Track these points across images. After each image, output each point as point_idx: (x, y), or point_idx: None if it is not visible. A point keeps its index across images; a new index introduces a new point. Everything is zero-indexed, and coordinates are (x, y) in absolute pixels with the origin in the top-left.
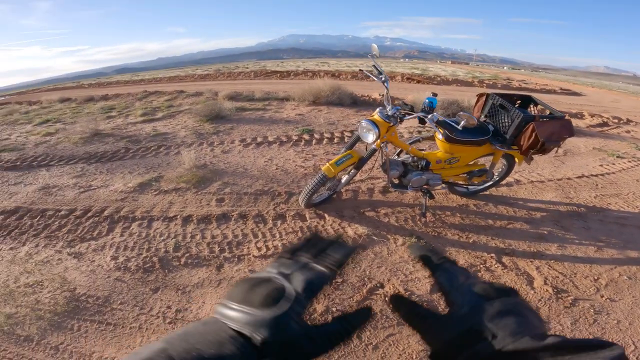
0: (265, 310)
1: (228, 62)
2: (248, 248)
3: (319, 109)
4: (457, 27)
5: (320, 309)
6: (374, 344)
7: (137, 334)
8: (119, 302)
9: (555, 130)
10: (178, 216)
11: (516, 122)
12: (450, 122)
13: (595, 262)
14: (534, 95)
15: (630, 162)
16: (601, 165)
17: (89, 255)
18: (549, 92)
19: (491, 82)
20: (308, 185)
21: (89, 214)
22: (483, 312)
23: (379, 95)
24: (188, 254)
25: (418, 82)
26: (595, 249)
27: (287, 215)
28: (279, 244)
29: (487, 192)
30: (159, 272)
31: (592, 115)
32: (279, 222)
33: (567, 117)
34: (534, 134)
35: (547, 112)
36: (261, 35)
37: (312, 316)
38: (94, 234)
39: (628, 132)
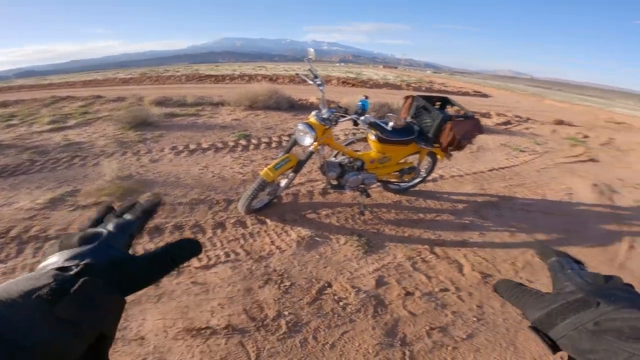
0: (84, 247)
1: (156, 66)
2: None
3: (256, 114)
4: (389, 32)
5: (272, 314)
6: (330, 343)
7: None
8: None
9: (468, 129)
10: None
11: (437, 122)
12: (381, 124)
13: (510, 247)
14: (452, 97)
15: (530, 155)
16: (507, 159)
17: None
18: (464, 94)
19: (417, 85)
20: (247, 191)
21: None
22: (589, 287)
23: (317, 99)
24: None
25: (352, 85)
26: (509, 234)
27: (226, 223)
28: (221, 253)
29: (417, 188)
30: None
31: (498, 115)
32: (218, 231)
33: (477, 117)
34: (451, 133)
35: (462, 112)
36: (194, 38)
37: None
38: (0, 257)
39: (527, 128)
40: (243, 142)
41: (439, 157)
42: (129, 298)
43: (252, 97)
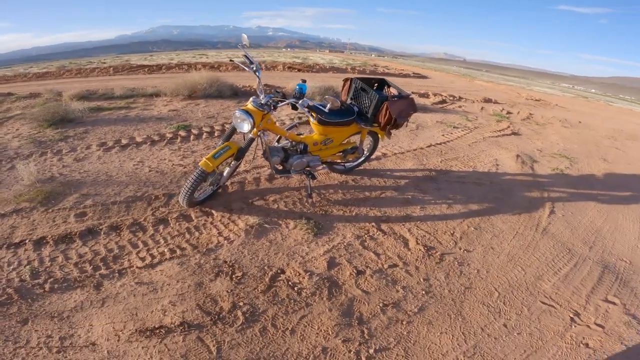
0: None
1: (77, 58)
2: (129, 260)
3: (196, 103)
4: (334, 17)
5: (227, 307)
6: (289, 328)
7: None
8: None
9: (403, 108)
10: (26, 240)
11: (374, 102)
12: (319, 106)
13: (449, 218)
14: (390, 79)
15: (462, 131)
16: (443, 135)
17: None
18: (405, 76)
19: (362, 69)
20: (187, 183)
21: None
22: None
23: (272, 90)
24: (52, 279)
25: (299, 70)
26: (447, 206)
27: (169, 219)
28: (166, 250)
29: (362, 167)
30: (20, 303)
31: (435, 94)
32: (161, 227)
33: (411, 96)
34: (387, 112)
35: (397, 92)
36: (123, 27)
37: (221, 315)
38: None
39: (460, 107)
40: (182, 133)
41: (380, 136)
42: (68, 306)
43: (191, 86)
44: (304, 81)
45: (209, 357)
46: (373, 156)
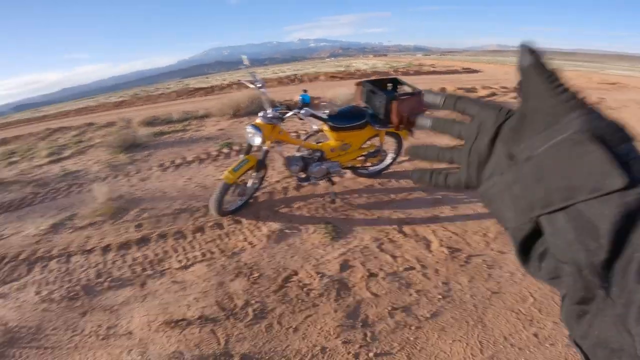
0: None
1: (147, 85)
2: (169, 263)
3: (240, 121)
4: (373, 21)
5: (241, 304)
6: (293, 326)
7: (75, 353)
8: (50, 328)
9: (414, 105)
10: (97, 247)
11: (383, 103)
12: (319, 114)
13: (483, 218)
14: (438, 76)
15: None
16: None
17: (13, 294)
18: (453, 72)
19: (405, 70)
20: (213, 196)
21: (6, 260)
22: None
23: (277, 103)
24: (111, 279)
25: (341, 78)
26: (482, 204)
27: (205, 227)
28: (199, 254)
29: (391, 170)
30: (84, 298)
31: (484, 88)
32: (198, 235)
33: (422, 92)
34: (397, 111)
35: (409, 90)
36: (181, 52)
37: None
38: (14, 276)
39: (515, 97)
40: (225, 150)
41: (402, 136)
42: (118, 301)
43: (235, 105)
44: (306, 91)
45: (217, 347)
46: (403, 157)
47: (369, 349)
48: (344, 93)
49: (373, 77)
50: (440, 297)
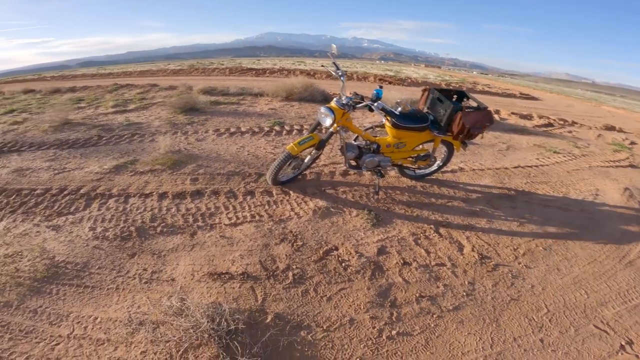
0: None
1: (202, 58)
2: (219, 218)
3: (291, 105)
4: (433, 31)
5: (282, 267)
6: (327, 296)
7: (114, 294)
8: (97, 267)
9: (478, 119)
10: (154, 193)
11: (448, 112)
12: (391, 109)
13: (516, 235)
14: (489, 97)
15: (565, 157)
16: (537, 159)
17: (67, 228)
18: (509, 96)
19: (458, 86)
20: (274, 163)
21: (65, 192)
22: None
23: (349, 93)
24: (164, 224)
25: (390, 83)
26: (518, 224)
27: (256, 192)
28: (248, 215)
29: (434, 177)
30: (135, 239)
31: (540, 117)
32: (248, 197)
33: (488, 109)
34: (461, 122)
35: (475, 104)
36: (238, 32)
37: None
38: (71, 209)
39: (570, 132)
40: (277, 128)
41: (455, 147)
42: (167, 247)
43: (288, 90)
44: (381, 87)
45: (254, 304)
46: (447, 168)
47: (393, 327)
48: (395, 97)
49: (442, 87)
50: (464, 294)
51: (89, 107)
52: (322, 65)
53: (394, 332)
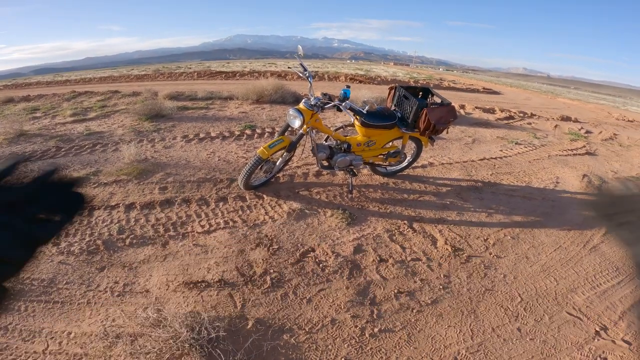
0: None
1: (169, 63)
2: (192, 226)
3: (262, 107)
4: (401, 29)
5: (260, 272)
6: (307, 297)
7: (86, 308)
8: (64, 282)
9: (443, 115)
10: (120, 204)
11: (414, 108)
12: (358, 108)
13: (485, 226)
14: (455, 93)
15: (526, 147)
16: (501, 150)
17: None
18: (473, 91)
19: (425, 82)
20: (245, 168)
21: None
22: None
23: (320, 94)
24: (133, 236)
25: (360, 82)
26: (486, 215)
27: (228, 198)
28: (221, 221)
29: (405, 172)
30: (103, 253)
31: (502, 110)
32: (221, 204)
33: (452, 105)
34: (426, 118)
35: (439, 100)
36: (206, 35)
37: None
38: None
39: (530, 124)
40: (248, 131)
41: (423, 143)
42: (138, 258)
43: (259, 92)
44: (349, 86)
45: (233, 310)
46: (417, 163)
47: (374, 325)
48: (365, 95)
49: (408, 84)
50: (441, 287)
51: (46, 117)
52: (289, 67)
53: (376, 330)
